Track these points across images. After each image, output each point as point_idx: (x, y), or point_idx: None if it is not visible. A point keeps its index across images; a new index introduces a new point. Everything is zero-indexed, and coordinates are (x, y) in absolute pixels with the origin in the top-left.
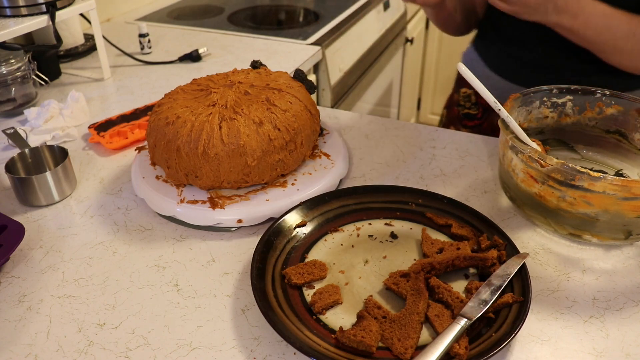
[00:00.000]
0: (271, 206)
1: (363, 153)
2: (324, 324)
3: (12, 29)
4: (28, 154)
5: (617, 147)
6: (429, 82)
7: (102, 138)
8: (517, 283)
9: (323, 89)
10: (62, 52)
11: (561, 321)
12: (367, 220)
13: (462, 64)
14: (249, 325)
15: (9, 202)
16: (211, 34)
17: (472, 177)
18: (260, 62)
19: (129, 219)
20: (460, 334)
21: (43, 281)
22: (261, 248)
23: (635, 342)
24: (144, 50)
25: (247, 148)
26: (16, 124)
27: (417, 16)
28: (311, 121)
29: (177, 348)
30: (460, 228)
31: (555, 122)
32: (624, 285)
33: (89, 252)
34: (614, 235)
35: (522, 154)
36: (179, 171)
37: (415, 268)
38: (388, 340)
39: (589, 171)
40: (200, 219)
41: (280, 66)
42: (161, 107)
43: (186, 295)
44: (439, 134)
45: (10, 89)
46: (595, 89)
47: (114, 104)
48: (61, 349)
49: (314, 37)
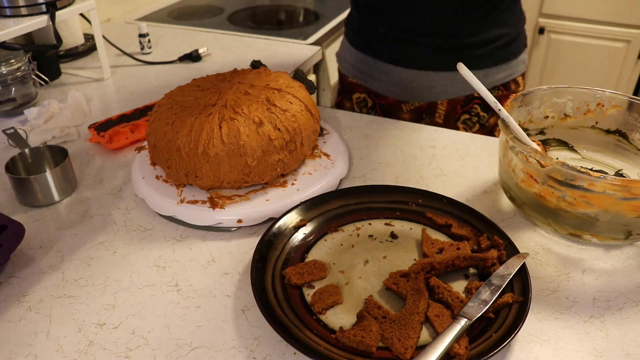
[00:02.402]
0: (271, 206)
1: (363, 153)
2: (324, 324)
3: (12, 29)
4: (28, 154)
5: (617, 147)
6: None
7: (102, 138)
8: (517, 283)
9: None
10: (62, 52)
11: (561, 321)
12: (367, 220)
13: (462, 64)
14: (249, 325)
15: (9, 202)
16: (211, 34)
17: (472, 177)
18: (260, 62)
19: (129, 219)
20: (460, 334)
21: (43, 281)
22: (261, 248)
23: (635, 342)
24: (144, 50)
25: (247, 148)
26: (16, 124)
27: None
28: (311, 121)
29: (177, 348)
30: (460, 228)
31: (555, 122)
32: (624, 285)
33: (89, 252)
34: (614, 235)
35: (522, 154)
36: (179, 171)
37: (415, 268)
38: (388, 340)
39: (589, 171)
40: (200, 219)
41: (280, 66)
42: (161, 107)
43: (186, 295)
44: (439, 134)
45: (10, 89)
46: (595, 89)
47: (114, 104)
48: (61, 349)
49: (314, 37)
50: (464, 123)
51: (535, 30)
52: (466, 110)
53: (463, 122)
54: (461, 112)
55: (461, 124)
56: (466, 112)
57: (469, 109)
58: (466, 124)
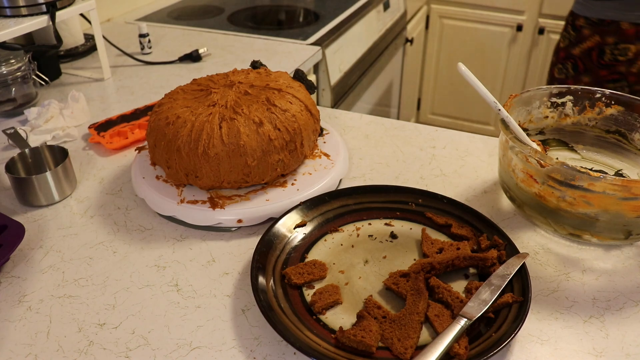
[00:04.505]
0: (271, 206)
1: (363, 153)
2: (324, 324)
3: (12, 29)
4: (28, 154)
5: (617, 147)
6: (429, 82)
7: (102, 138)
8: (517, 283)
9: (323, 89)
10: (62, 52)
11: (561, 321)
12: (367, 220)
13: (462, 64)
14: (249, 325)
15: (9, 202)
16: (211, 34)
17: (472, 177)
18: (260, 62)
19: (129, 219)
20: (460, 334)
21: (43, 281)
22: (261, 248)
23: (635, 342)
24: (144, 51)
25: (247, 148)
26: (16, 124)
27: (417, 16)
28: (311, 121)
29: (177, 348)
30: (460, 228)
31: (555, 122)
32: (624, 285)
33: (89, 252)
34: (614, 235)
35: (522, 154)
36: (179, 171)
37: (415, 268)
38: (388, 340)
39: (589, 171)
40: (200, 219)
41: (280, 66)
42: (161, 107)
43: (186, 295)
44: (439, 134)
45: (10, 89)
46: (595, 89)
47: (114, 104)
48: (61, 349)
49: (314, 37)
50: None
51: (535, 30)
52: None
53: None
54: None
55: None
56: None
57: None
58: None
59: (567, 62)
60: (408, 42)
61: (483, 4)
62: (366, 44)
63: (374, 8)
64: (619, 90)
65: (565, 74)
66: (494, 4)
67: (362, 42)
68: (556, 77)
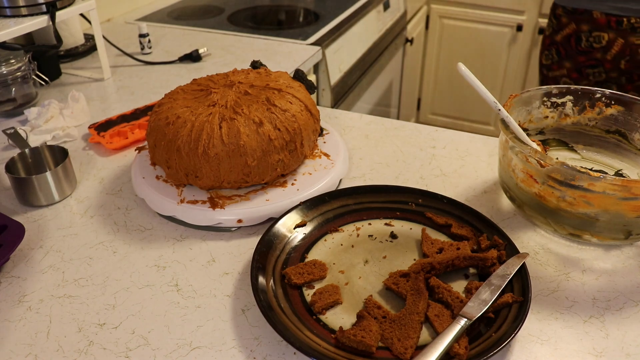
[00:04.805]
0: (271, 206)
1: (363, 153)
2: (324, 324)
3: (12, 29)
4: (28, 154)
5: (617, 147)
6: (429, 82)
7: (102, 138)
8: (517, 283)
9: (323, 89)
10: (62, 52)
11: (561, 321)
12: (367, 220)
13: (462, 64)
14: (249, 325)
15: (9, 202)
16: (211, 34)
17: (472, 177)
18: (260, 62)
19: (129, 219)
20: (460, 334)
21: (43, 281)
22: (261, 248)
23: (635, 342)
24: (144, 51)
25: (247, 148)
26: (16, 124)
27: (417, 16)
28: (311, 121)
29: (177, 348)
30: (460, 228)
31: (555, 122)
32: (624, 285)
33: (89, 252)
34: (614, 235)
35: (522, 154)
36: (179, 171)
37: (415, 268)
38: (388, 340)
39: (589, 171)
40: (200, 219)
41: (280, 66)
42: (161, 107)
43: (186, 295)
44: (439, 134)
45: (10, 89)
46: (595, 89)
47: (114, 104)
48: (61, 349)
49: (314, 37)
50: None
51: (535, 30)
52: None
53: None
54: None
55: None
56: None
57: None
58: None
59: (552, 48)
60: (408, 42)
61: (483, 4)
62: (366, 44)
63: (374, 8)
64: (597, 75)
65: (551, 60)
66: (494, 4)
67: (362, 42)
68: (544, 63)
